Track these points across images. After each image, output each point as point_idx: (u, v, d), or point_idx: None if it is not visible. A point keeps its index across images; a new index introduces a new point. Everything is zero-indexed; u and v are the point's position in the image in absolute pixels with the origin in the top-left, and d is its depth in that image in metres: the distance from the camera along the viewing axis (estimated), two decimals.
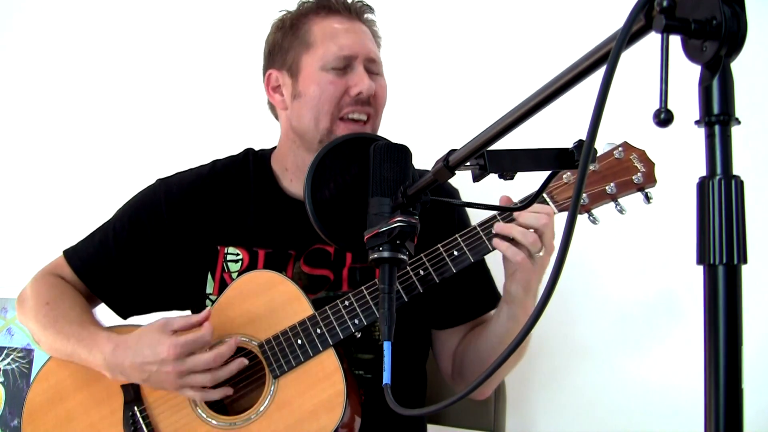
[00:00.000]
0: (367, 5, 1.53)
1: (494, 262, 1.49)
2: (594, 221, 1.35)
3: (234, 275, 1.51)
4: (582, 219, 1.35)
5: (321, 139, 1.46)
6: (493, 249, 1.35)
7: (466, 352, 1.52)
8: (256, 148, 1.64)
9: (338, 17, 1.48)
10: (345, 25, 1.48)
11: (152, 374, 1.32)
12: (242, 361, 1.35)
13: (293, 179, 1.56)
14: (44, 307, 1.49)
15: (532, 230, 1.28)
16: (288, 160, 1.56)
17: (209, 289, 1.53)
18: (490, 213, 1.37)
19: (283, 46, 1.50)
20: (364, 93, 1.43)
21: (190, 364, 1.30)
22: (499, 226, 1.31)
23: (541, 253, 1.28)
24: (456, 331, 1.55)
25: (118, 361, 1.35)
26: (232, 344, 1.34)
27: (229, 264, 1.53)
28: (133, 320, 1.56)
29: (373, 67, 1.48)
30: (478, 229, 1.36)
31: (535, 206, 1.30)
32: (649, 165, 1.33)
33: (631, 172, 1.33)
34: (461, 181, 1.55)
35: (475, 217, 1.57)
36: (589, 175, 1.32)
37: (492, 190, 1.10)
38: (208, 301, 1.53)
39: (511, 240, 1.29)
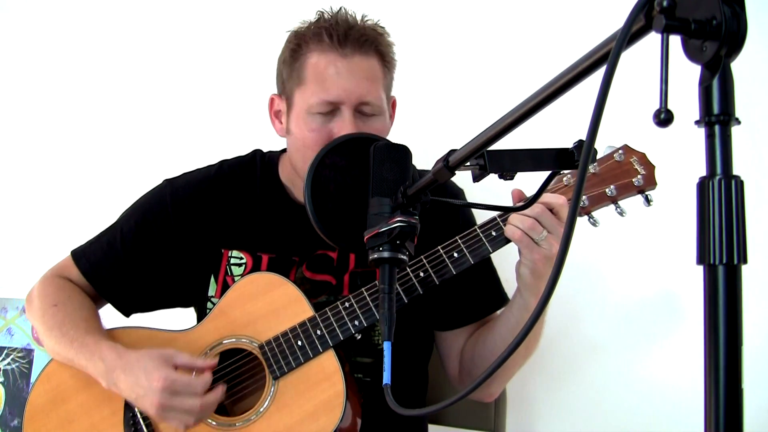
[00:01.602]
0: (371, 35, 1.41)
1: (503, 261, 1.48)
2: (594, 224, 1.35)
3: (236, 278, 1.51)
4: (583, 221, 1.35)
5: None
6: (493, 251, 1.35)
7: (474, 350, 1.50)
8: (264, 149, 1.64)
9: (332, 54, 1.37)
10: (336, 66, 1.37)
11: (139, 397, 1.34)
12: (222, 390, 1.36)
13: (291, 183, 1.55)
14: (51, 309, 1.49)
15: (529, 218, 1.28)
16: (291, 171, 1.54)
17: (211, 292, 1.53)
18: (490, 213, 1.37)
19: (283, 74, 1.45)
20: None
21: (175, 404, 1.31)
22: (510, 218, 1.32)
23: (543, 236, 1.27)
24: (462, 331, 1.54)
25: (115, 375, 1.36)
26: (219, 392, 1.35)
27: (232, 267, 1.52)
28: (136, 321, 1.56)
29: (366, 109, 1.39)
30: (478, 231, 1.35)
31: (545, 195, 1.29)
32: (650, 168, 1.33)
33: (631, 175, 1.32)
34: (461, 181, 1.55)
35: (478, 217, 1.57)
36: (589, 178, 1.32)
37: (492, 190, 1.10)
38: (209, 303, 1.53)
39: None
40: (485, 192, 1.18)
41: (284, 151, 1.59)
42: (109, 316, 1.58)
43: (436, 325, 1.57)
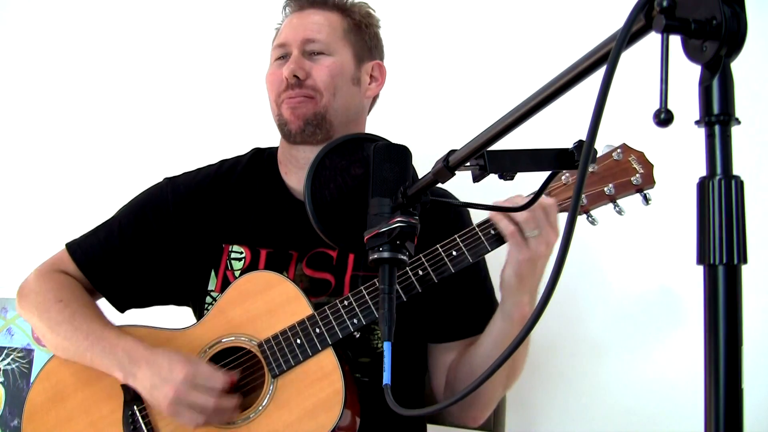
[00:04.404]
0: None
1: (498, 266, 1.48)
2: (593, 222, 1.35)
3: (237, 273, 1.52)
4: (581, 220, 1.34)
5: (279, 123, 1.53)
6: (491, 249, 1.35)
7: (459, 366, 1.49)
8: (263, 147, 1.65)
9: (294, 13, 1.56)
10: (292, 19, 1.55)
11: (155, 387, 1.34)
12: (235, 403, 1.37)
13: (287, 172, 1.57)
14: (57, 305, 1.49)
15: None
16: (281, 153, 1.59)
17: (211, 286, 1.54)
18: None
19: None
20: (286, 78, 1.48)
21: (191, 397, 1.32)
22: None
23: (534, 233, 1.28)
24: (452, 347, 1.53)
25: (137, 366, 1.37)
26: (235, 400, 1.36)
27: (232, 262, 1.53)
28: (135, 319, 1.56)
29: (313, 48, 1.50)
30: (477, 229, 1.35)
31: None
32: (648, 166, 1.33)
33: (629, 174, 1.33)
34: (461, 181, 1.55)
35: (477, 217, 1.57)
36: (587, 177, 1.32)
37: (492, 190, 1.10)
38: (208, 298, 1.53)
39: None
40: (485, 192, 1.18)
41: None
42: (107, 313, 1.58)
43: (428, 337, 1.56)
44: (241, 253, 1.53)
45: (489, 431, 1.69)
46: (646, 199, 1.34)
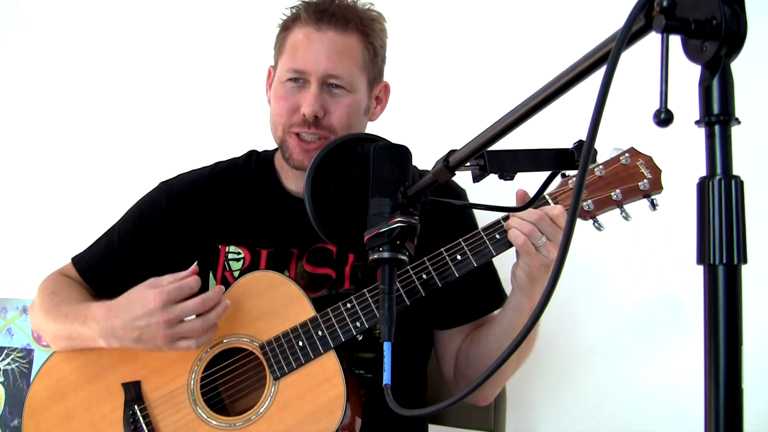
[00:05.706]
0: (351, 13, 1.45)
1: (502, 263, 1.48)
2: (599, 228, 1.34)
3: (236, 274, 1.52)
4: (587, 224, 1.34)
5: (280, 144, 1.49)
6: (496, 254, 1.35)
7: (469, 350, 1.50)
8: (260, 150, 1.65)
9: (309, 27, 1.44)
10: (309, 38, 1.43)
11: (143, 330, 1.31)
12: (226, 304, 1.34)
13: (287, 177, 1.57)
14: (49, 296, 1.51)
15: (529, 223, 1.28)
16: (280, 159, 1.58)
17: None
18: (492, 216, 1.36)
19: (275, 45, 1.53)
20: (306, 115, 1.41)
21: (178, 311, 1.30)
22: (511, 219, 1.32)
23: (541, 241, 1.28)
24: (460, 330, 1.54)
25: (110, 324, 1.35)
26: (217, 290, 1.35)
27: (230, 263, 1.53)
28: None
29: (334, 83, 1.43)
30: (482, 233, 1.35)
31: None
32: (656, 171, 1.32)
33: (637, 179, 1.31)
34: (461, 181, 1.55)
35: (480, 217, 1.57)
36: (594, 181, 1.32)
37: (492, 190, 1.10)
38: None
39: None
40: (485, 192, 1.18)
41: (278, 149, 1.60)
42: None
43: (434, 324, 1.56)
44: (239, 253, 1.53)
45: (489, 431, 1.69)
46: (653, 205, 1.32)
